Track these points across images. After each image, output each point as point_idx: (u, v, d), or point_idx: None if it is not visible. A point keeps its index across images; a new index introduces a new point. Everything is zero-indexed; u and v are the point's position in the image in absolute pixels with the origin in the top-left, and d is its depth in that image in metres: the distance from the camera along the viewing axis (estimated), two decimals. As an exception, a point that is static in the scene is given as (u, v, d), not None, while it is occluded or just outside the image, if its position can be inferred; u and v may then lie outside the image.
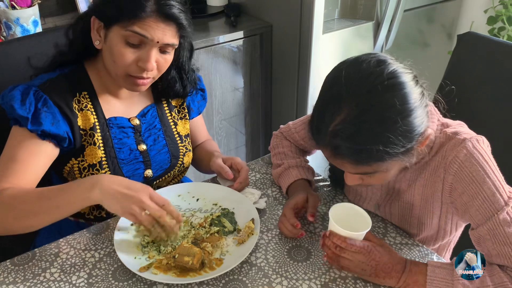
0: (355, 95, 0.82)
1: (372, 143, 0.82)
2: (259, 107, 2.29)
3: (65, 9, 1.98)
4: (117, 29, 1.02)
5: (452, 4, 2.47)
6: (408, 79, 0.85)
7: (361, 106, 0.82)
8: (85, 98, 1.10)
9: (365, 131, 0.82)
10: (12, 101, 1.01)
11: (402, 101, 0.82)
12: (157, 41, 1.02)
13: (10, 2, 1.68)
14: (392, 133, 0.82)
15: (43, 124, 1.01)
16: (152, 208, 0.93)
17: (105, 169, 1.11)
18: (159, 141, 1.21)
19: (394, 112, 0.82)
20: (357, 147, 0.83)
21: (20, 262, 0.99)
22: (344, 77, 0.84)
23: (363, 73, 0.84)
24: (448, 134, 0.94)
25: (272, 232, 1.07)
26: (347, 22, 2.12)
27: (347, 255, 0.91)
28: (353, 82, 0.83)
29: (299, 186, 1.13)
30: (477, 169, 0.89)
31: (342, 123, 0.83)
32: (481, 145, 0.91)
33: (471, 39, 1.36)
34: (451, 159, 0.91)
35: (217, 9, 2.21)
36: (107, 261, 0.99)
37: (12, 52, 1.28)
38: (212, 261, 0.97)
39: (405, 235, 1.06)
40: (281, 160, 1.20)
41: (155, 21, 1.00)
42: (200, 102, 1.32)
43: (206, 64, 1.99)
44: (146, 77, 1.06)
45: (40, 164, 1.04)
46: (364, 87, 0.83)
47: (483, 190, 0.88)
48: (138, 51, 1.03)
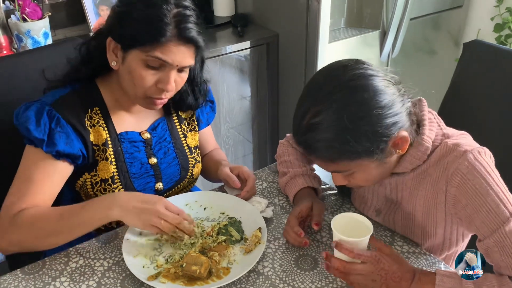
0: (322, 92, 0.87)
1: (333, 140, 0.86)
2: (266, 116, 2.31)
3: (75, 21, 2.02)
4: (136, 52, 1.02)
5: (458, 12, 2.47)
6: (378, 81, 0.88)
7: (328, 100, 0.86)
8: (96, 114, 1.11)
9: (323, 129, 0.86)
10: (27, 123, 1.02)
11: (367, 101, 0.85)
12: (177, 64, 1.03)
13: (21, 14, 1.71)
14: (355, 131, 0.85)
15: (57, 145, 1.03)
16: (170, 216, 0.99)
17: (117, 184, 1.13)
18: (169, 154, 1.22)
19: (362, 108, 0.85)
20: (322, 144, 0.87)
21: (31, 271, 1.00)
22: (313, 78, 0.91)
23: (333, 73, 0.89)
24: (449, 145, 0.94)
25: (279, 241, 1.07)
26: (353, 31, 2.13)
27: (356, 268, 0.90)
28: (320, 81, 0.90)
29: (305, 195, 1.13)
30: (480, 181, 0.88)
31: (307, 121, 0.88)
32: (482, 157, 0.90)
33: (477, 47, 1.36)
34: (453, 171, 0.91)
35: (224, 19, 2.23)
36: (116, 270, 1.00)
37: (23, 64, 1.31)
38: (220, 270, 0.97)
39: (412, 244, 1.06)
40: (287, 169, 1.21)
41: (176, 45, 1.01)
42: (209, 114, 1.34)
43: (214, 73, 2.01)
44: (165, 97, 1.08)
45: (55, 183, 1.06)
46: (331, 85, 0.87)
47: (487, 202, 0.88)
48: (158, 73, 1.04)
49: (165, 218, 0.97)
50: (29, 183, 1.03)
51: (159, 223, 0.97)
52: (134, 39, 1.01)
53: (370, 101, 0.85)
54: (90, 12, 1.94)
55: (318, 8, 1.88)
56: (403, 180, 1.01)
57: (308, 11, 1.93)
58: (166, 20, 0.99)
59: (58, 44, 1.63)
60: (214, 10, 2.28)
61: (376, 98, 0.86)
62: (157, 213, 0.97)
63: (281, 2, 2.05)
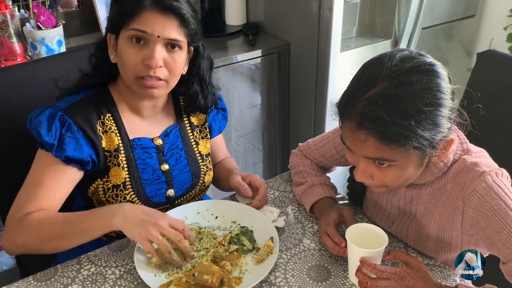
0: (395, 71, 0.83)
1: (403, 117, 0.81)
2: (277, 124, 2.30)
3: (88, 29, 2.04)
4: (122, 33, 1.04)
5: (470, 21, 2.46)
6: (445, 74, 0.87)
7: (401, 80, 0.82)
8: (109, 120, 1.12)
9: (400, 104, 0.82)
10: (39, 127, 1.03)
11: (438, 89, 0.84)
12: (158, 35, 1.02)
13: (36, 23, 1.74)
14: (424, 114, 0.82)
15: (67, 150, 1.04)
16: (172, 233, 0.96)
17: (128, 190, 1.13)
18: (181, 161, 1.22)
19: (431, 95, 0.83)
20: (388, 118, 0.81)
21: (43, 278, 1.00)
22: (384, 58, 0.86)
23: (405, 56, 0.86)
24: (467, 163, 0.93)
25: (291, 251, 1.06)
26: (365, 40, 2.13)
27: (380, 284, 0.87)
28: (393, 61, 0.85)
29: (326, 204, 1.12)
30: (499, 203, 0.87)
31: (377, 93, 0.83)
32: (500, 179, 0.89)
33: (491, 57, 1.35)
34: (470, 192, 0.90)
35: (236, 28, 2.24)
36: (128, 278, 1.00)
37: (38, 71, 1.32)
38: (231, 279, 0.97)
39: (426, 255, 1.05)
40: (303, 178, 1.20)
41: (153, 14, 1.01)
42: (221, 122, 1.34)
43: (225, 82, 2.02)
44: (154, 76, 1.04)
45: (64, 188, 1.07)
46: (405, 66, 0.84)
47: (507, 225, 0.86)
48: (143, 50, 1.03)
49: (166, 233, 0.95)
50: (38, 187, 1.04)
51: (156, 238, 0.94)
52: (117, 19, 1.04)
53: (444, 90, 0.84)
54: (103, 20, 1.96)
55: (330, 17, 1.88)
56: (418, 194, 1.00)
57: (320, 20, 1.93)
58: None
59: (71, 52, 1.64)
60: (225, 19, 2.30)
61: (448, 90, 0.85)
62: (158, 227, 0.95)
63: (293, 11, 2.06)
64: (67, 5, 2.07)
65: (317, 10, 1.92)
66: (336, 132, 1.19)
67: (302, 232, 1.12)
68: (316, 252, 1.06)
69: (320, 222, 1.10)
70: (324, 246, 1.05)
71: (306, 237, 1.10)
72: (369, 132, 0.83)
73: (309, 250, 1.06)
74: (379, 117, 0.81)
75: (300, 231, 1.12)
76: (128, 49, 1.03)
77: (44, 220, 1.01)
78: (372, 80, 0.84)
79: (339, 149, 1.18)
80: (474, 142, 1.00)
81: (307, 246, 1.08)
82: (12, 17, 1.71)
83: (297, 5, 2.03)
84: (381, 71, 0.84)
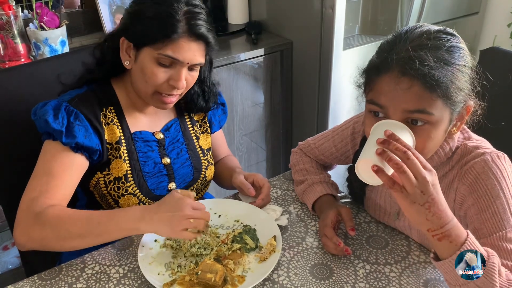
0: (425, 31, 0.87)
1: (446, 64, 0.83)
2: (280, 123, 2.31)
3: (91, 29, 2.04)
4: (148, 50, 1.05)
5: (474, 18, 2.45)
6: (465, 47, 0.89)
7: (436, 35, 0.86)
8: (111, 112, 1.13)
9: (441, 52, 0.84)
10: (46, 115, 1.04)
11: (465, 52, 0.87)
12: (188, 62, 1.06)
13: (39, 23, 1.75)
14: (459, 67, 0.84)
15: (77, 137, 1.05)
16: (199, 214, 0.97)
17: (130, 182, 1.14)
18: (182, 155, 1.24)
19: (461, 54, 0.86)
20: (434, 64, 0.82)
21: (47, 277, 1.01)
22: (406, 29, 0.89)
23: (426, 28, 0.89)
24: (468, 147, 0.93)
25: (294, 249, 1.07)
26: (368, 38, 2.12)
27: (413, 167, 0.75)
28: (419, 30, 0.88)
29: (326, 202, 1.13)
30: (493, 183, 0.87)
31: (420, 42, 0.85)
32: (501, 161, 0.89)
33: (494, 54, 1.35)
34: (467, 168, 0.90)
35: (238, 27, 2.25)
36: (131, 276, 1.00)
37: (41, 71, 1.33)
38: (234, 278, 0.97)
39: (428, 253, 1.05)
40: (303, 177, 1.21)
41: (187, 42, 1.04)
42: (221, 117, 1.35)
43: (228, 80, 2.02)
44: (175, 95, 1.10)
45: (74, 177, 1.07)
46: (433, 28, 0.88)
47: (494, 204, 0.86)
48: (169, 71, 1.07)
49: (195, 217, 0.96)
50: (48, 177, 1.04)
51: (189, 224, 0.95)
52: (145, 36, 1.04)
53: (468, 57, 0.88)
54: (106, 21, 1.97)
55: (332, 15, 1.88)
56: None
57: (323, 19, 1.93)
58: (177, 17, 1.02)
59: (75, 52, 1.65)
60: (228, 17, 2.30)
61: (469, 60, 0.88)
62: (185, 216, 0.95)
63: (295, 10, 2.06)
64: (70, 6, 2.08)
65: (319, 9, 1.92)
66: (336, 131, 1.20)
67: (305, 230, 1.12)
68: (319, 251, 1.06)
69: (319, 221, 1.10)
70: (325, 248, 1.05)
71: (309, 236, 1.10)
72: (414, 79, 0.82)
73: (312, 249, 1.07)
74: (426, 61, 0.81)
75: (303, 230, 1.13)
76: (155, 68, 1.06)
77: (65, 217, 0.99)
78: (408, 35, 0.87)
79: (338, 147, 1.18)
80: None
81: (310, 244, 1.08)
82: (16, 17, 1.72)
83: (299, 4, 2.03)
84: (413, 31, 0.87)
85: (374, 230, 1.12)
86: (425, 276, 0.99)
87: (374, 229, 1.12)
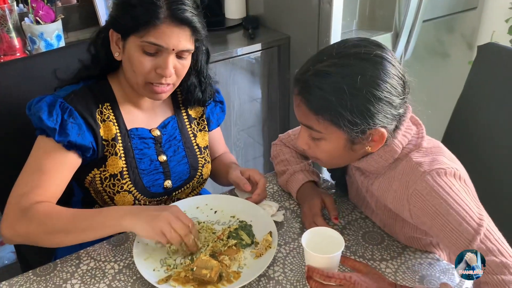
0: (340, 52, 0.90)
1: (333, 95, 0.87)
2: (277, 118, 2.30)
3: (87, 23, 2.03)
4: (133, 39, 1.04)
5: (472, 14, 2.44)
6: (394, 72, 0.89)
7: (339, 61, 0.89)
8: (107, 109, 1.13)
9: (329, 80, 0.88)
10: (40, 112, 1.04)
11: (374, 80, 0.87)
12: (173, 48, 1.04)
13: (35, 17, 1.73)
14: (355, 98, 0.87)
15: (70, 135, 1.04)
16: (179, 226, 0.97)
17: (126, 179, 1.13)
18: (178, 152, 1.23)
19: (363, 82, 0.87)
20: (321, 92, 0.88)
21: (42, 273, 1.01)
22: (344, 41, 0.94)
23: (359, 44, 0.91)
24: (412, 163, 0.94)
25: (290, 245, 1.06)
26: (366, 33, 2.11)
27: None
28: (346, 45, 0.92)
29: (309, 189, 1.15)
30: (439, 202, 0.88)
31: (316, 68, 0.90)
32: (442, 178, 0.90)
33: (492, 50, 1.35)
34: (412, 191, 0.92)
35: (236, 21, 2.23)
36: (126, 272, 1.00)
37: (37, 66, 1.32)
38: (230, 274, 0.97)
39: (422, 252, 1.04)
40: (285, 167, 1.22)
41: (169, 27, 1.02)
42: (219, 115, 1.34)
43: (225, 76, 2.01)
44: (165, 83, 1.08)
45: (65, 174, 1.07)
46: (351, 51, 0.90)
47: (449, 222, 0.88)
48: (156, 59, 1.05)
49: (173, 226, 0.96)
50: (39, 173, 1.04)
51: (169, 231, 0.95)
52: (129, 25, 1.04)
53: (382, 82, 0.88)
54: (102, 15, 1.96)
55: (330, 10, 1.87)
56: (371, 187, 1.03)
57: (320, 14, 1.92)
58: (158, 3, 1.01)
59: (70, 47, 1.64)
60: (225, 12, 2.28)
61: (387, 83, 0.88)
62: (168, 219, 0.96)
63: (293, 4, 2.05)
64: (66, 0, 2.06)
65: (317, 3, 1.91)
66: None
67: (300, 226, 1.12)
68: (315, 247, 1.06)
69: (303, 208, 1.11)
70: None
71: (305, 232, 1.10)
72: (302, 99, 0.92)
73: (308, 245, 1.06)
74: (310, 86, 0.90)
75: (299, 226, 1.12)
76: (140, 57, 1.04)
77: (52, 213, 1.00)
78: (321, 56, 0.92)
79: None
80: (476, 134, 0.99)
81: (306, 240, 1.08)
82: (11, 11, 1.71)
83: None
84: (331, 52, 0.91)
85: (370, 226, 1.12)
86: (420, 272, 0.99)
87: (370, 225, 1.12)
